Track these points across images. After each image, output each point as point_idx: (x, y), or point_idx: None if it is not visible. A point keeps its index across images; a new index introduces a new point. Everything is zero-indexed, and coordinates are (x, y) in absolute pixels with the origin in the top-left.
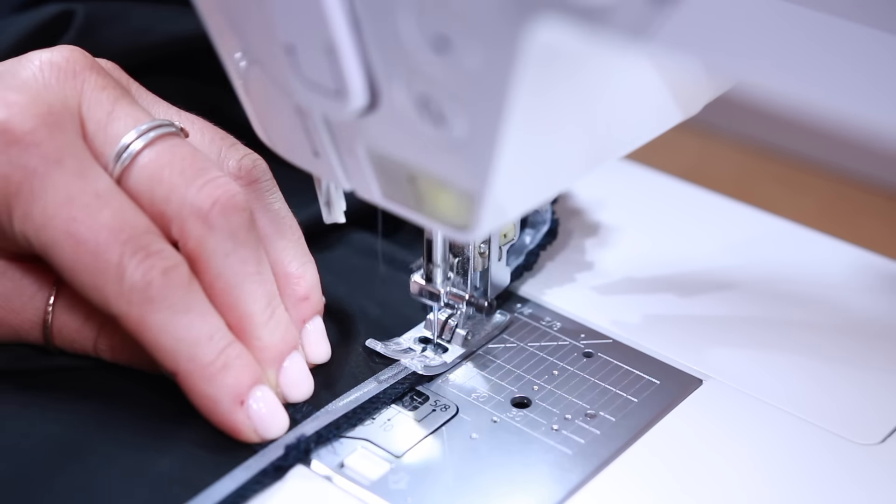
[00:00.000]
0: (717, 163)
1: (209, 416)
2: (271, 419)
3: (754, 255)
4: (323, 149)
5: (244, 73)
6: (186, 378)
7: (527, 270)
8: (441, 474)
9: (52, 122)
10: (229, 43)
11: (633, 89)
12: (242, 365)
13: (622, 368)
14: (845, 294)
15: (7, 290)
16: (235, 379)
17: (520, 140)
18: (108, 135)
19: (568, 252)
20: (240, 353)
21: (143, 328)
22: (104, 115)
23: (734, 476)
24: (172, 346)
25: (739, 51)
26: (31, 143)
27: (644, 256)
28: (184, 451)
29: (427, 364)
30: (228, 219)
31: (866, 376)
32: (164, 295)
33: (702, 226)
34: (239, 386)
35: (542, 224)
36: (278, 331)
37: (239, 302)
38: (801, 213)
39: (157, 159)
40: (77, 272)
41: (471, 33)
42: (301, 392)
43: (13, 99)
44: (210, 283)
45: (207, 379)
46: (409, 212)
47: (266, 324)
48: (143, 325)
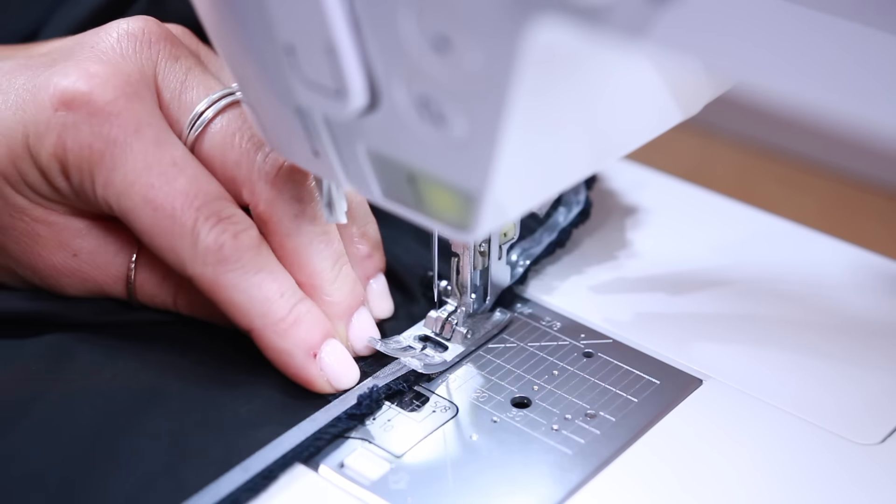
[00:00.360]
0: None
1: (284, 370)
2: (343, 370)
3: (754, 255)
4: (323, 149)
5: (244, 73)
6: (260, 334)
7: (559, 247)
8: (441, 474)
9: (131, 93)
10: (229, 43)
11: (634, 89)
12: (313, 319)
13: (622, 368)
14: (845, 294)
15: (92, 247)
16: (307, 333)
17: (520, 140)
18: (182, 103)
19: (568, 252)
20: (310, 308)
21: (217, 288)
22: (178, 85)
23: (734, 476)
24: (246, 304)
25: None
26: (111, 113)
27: (644, 256)
28: (260, 399)
29: (427, 362)
30: (294, 182)
31: (866, 376)
32: (236, 256)
33: (702, 226)
34: (311, 339)
35: (575, 204)
36: (346, 287)
37: (309, 260)
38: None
39: (228, 126)
40: (155, 236)
41: (471, 33)
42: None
43: (94, 70)
44: (280, 244)
45: (280, 334)
46: (409, 212)
47: (334, 280)
48: (216, 286)
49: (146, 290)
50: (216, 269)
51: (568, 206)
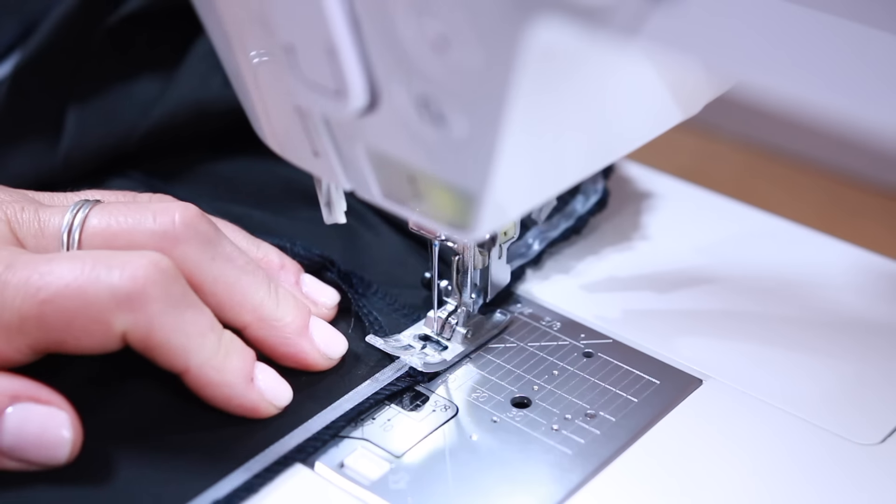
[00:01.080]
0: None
1: (226, 402)
2: (279, 386)
3: (754, 256)
4: (323, 149)
5: (244, 73)
6: (199, 372)
7: (576, 234)
8: (441, 474)
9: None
10: (229, 43)
11: (633, 89)
12: (239, 346)
13: (622, 368)
14: (845, 294)
15: None
16: (240, 360)
17: (520, 140)
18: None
19: (568, 252)
20: (231, 336)
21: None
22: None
23: (734, 476)
24: (184, 344)
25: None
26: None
27: (644, 256)
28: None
29: (427, 361)
30: (196, 227)
31: (866, 376)
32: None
33: (702, 226)
34: (245, 366)
35: (593, 193)
36: (290, 304)
37: (245, 295)
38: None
39: (99, 223)
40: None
41: (471, 33)
42: (340, 345)
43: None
44: (211, 290)
45: (218, 367)
46: (409, 212)
47: (278, 304)
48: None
49: None
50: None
51: (586, 195)
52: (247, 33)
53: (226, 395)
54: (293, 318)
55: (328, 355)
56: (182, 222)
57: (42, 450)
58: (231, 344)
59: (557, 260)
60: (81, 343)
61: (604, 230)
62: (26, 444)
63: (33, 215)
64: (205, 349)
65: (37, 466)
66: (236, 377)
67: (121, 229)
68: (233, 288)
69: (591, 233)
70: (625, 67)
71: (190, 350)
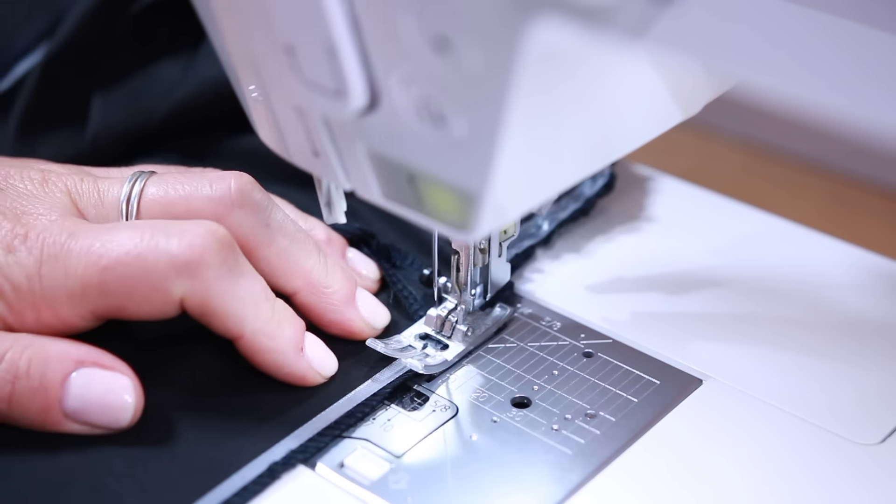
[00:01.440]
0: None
1: (276, 370)
2: (327, 358)
3: (754, 255)
4: (323, 149)
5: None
6: (252, 339)
7: (584, 215)
8: (441, 474)
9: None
10: (229, 43)
11: (633, 89)
12: (291, 316)
13: (622, 368)
14: (845, 294)
15: None
16: (291, 329)
17: (520, 140)
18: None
19: (568, 252)
20: (284, 305)
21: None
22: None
23: (734, 476)
24: (240, 310)
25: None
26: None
27: (644, 256)
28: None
29: (428, 363)
30: (250, 194)
31: (866, 376)
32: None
33: (701, 226)
34: (296, 335)
35: (600, 177)
36: (339, 272)
37: (297, 261)
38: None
39: (157, 191)
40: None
41: (471, 33)
42: (384, 316)
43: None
44: (265, 256)
45: (270, 335)
46: (409, 212)
47: (327, 271)
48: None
49: None
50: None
51: (593, 178)
52: (246, 33)
53: (277, 363)
54: (341, 286)
55: (372, 325)
56: (238, 189)
57: (105, 413)
58: (283, 313)
59: (558, 260)
60: (141, 309)
61: (603, 230)
62: (90, 407)
63: (92, 186)
64: (259, 317)
65: (100, 430)
66: (288, 345)
67: (178, 196)
68: (286, 254)
69: (591, 233)
70: (625, 68)
71: (245, 317)
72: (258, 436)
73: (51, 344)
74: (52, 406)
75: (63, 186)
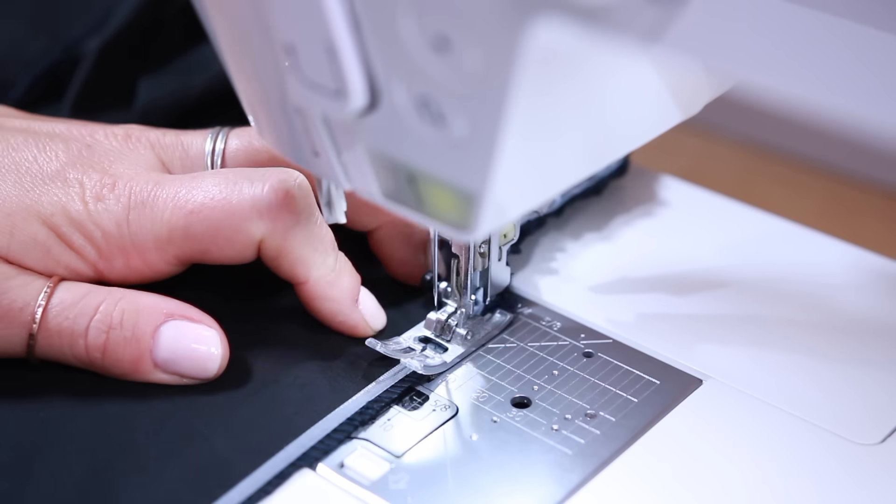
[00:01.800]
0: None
1: (332, 318)
2: (378, 312)
3: (754, 255)
4: (323, 149)
5: (243, 72)
6: (315, 285)
7: (596, 194)
8: (441, 474)
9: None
10: (229, 43)
11: (634, 89)
12: (351, 268)
13: (622, 368)
14: (845, 294)
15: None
16: (351, 280)
17: (520, 140)
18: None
19: (568, 252)
20: (344, 258)
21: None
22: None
23: (734, 476)
24: (310, 257)
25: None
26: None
27: (644, 256)
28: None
29: (427, 364)
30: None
31: (866, 376)
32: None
33: (702, 226)
34: (354, 287)
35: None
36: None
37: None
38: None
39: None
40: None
41: (471, 33)
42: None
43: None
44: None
45: (332, 283)
46: (409, 212)
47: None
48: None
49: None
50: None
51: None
52: (246, 33)
53: (333, 311)
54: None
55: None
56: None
57: (194, 364)
58: (345, 264)
59: (557, 260)
60: (223, 252)
61: (603, 230)
62: (179, 358)
63: (176, 139)
64: (326, 264)
65: (187, 380)
66: (346, 295)
67: (262, 146)
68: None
69: (591, 233)
70: (625, 68)
71: (313, 263)
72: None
73: (142, 297)
74: (143, 356)
75: (146, 142)
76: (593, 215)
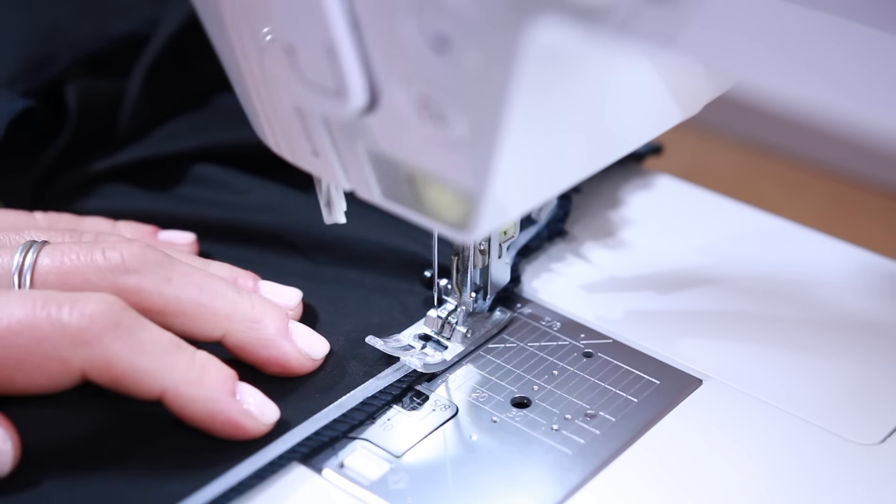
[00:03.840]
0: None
1: (210, 419)
2: (264, 403)
3: (754, 255)
4: (323, 149)
5: (244, 73)
6: (175, 392)
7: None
8: (441, 474)
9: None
10: (229, 43)
11: (633, 89)
12: (214, 361)
13: (622, 368)
14: (845, 294)
15: None
16: (219, 373)
17: (520, 140)
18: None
19: (568, 252)
20: (206, 354)
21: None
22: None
23: (734, 476)
24: (151, 366)
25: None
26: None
27: (644, 256)
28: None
29: (427, 362)
30: (143, 257)
31: (866, 376)
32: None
33: (701, 226)
34: (226, 380)
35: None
36: (265, 305)
37: (215, 304)
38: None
39: (52, 262)
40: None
41: (471, 33)
42: (322, 345)
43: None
44: (177, 310)
45: (196, 383)
46: (409, 212)
47: (252, 305)
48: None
49: None
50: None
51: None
52: (246, 33)
53: (209, 411)
54: (271, 319)
55: (310, 356)
56: (130, 255)
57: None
58: (207, 360)
59: (557, 260)
60: (34, 381)
61: (604, 230)
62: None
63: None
64: (177, 367)
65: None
66: (217, 390)
67: (74, 266)
68: (198, 301)
69: (591, 232)
70: (625, 68)
71: (159, 370)
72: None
73: None
74: None
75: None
76: (593, 215)
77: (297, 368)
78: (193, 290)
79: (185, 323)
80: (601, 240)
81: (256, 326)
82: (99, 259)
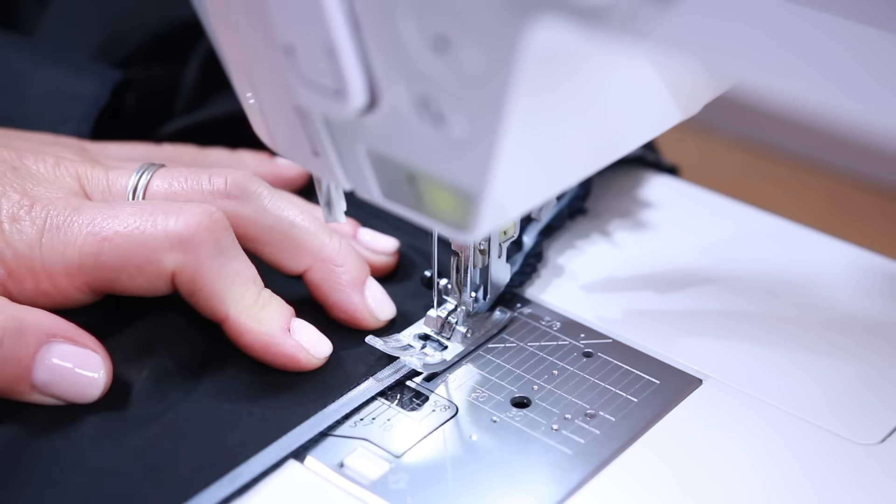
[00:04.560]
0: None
1: (264, 351)
2: (318, 339)
3: (754, 255)
4: (323, 149)
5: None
6: (236, 320)
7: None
8: (441, 474)
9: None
10: (229, 43)
11: (633, 89)
12: (279, 301)
13: (622, 368)
14: (845, 294)
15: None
16: (278, 311)
17: (519, 140)
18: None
19: (568, 252)
20: (270, 292)
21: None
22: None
23: (734, 476)
24: (226, 292)
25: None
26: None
27: (644, 256)
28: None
29: (427, 362)
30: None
31: (866, 376)
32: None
33: (702, 226)
34: (282, 317)
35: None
36: (352, 253)
37: (304, 240)
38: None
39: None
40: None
41: (471, 33)
42: (391, 308)
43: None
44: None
45: (255, 316)
46: (409, 212)
47: (339, 249)
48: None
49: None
50: (199, 253)
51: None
52: (246, 33)
53: (263, 343)
54: (353, 267)
55: (377, 315)
56: (233, 182)
57: (75, 389)
58: (270, 298)
59: (557, 259)
60: (135, 282)
61: (603, 230)
62: (60, 381)
63: (102, 174)
64: (244, 298)
65: (67, 403)
66: (273, 325)
67: (181, 189)
68: (290, 235)
69: (591, 233)
70: (625, 67)
71: (231, 298)
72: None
73: (26, 313)
74: (22, 377)
75: (74, 172)
76: (593, 215)
77: (361, 322)
78: (287, 224)
79: (272, 253)
80: (601, 239)
81: (337, 270)
82: (205, 183)
